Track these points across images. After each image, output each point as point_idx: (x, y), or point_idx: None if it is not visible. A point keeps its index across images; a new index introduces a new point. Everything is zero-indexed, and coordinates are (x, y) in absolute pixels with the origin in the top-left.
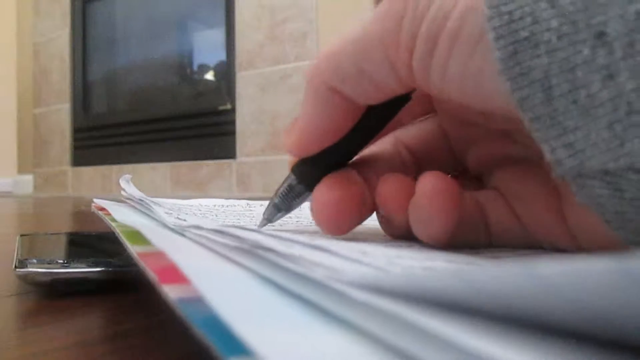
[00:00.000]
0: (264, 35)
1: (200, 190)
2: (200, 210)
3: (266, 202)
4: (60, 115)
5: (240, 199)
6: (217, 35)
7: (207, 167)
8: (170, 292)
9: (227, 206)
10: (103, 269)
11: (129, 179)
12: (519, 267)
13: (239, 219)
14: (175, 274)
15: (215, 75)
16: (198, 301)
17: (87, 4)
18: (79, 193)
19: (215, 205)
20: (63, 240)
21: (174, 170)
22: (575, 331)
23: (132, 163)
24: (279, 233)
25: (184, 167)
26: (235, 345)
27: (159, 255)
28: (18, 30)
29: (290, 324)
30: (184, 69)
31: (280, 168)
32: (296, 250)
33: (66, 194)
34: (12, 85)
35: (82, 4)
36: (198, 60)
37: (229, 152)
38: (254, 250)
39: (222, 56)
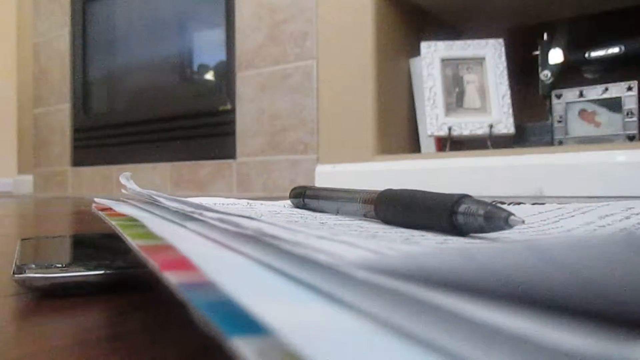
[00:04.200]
0: (264, 36)
1: (201, 190)
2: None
3: (267, 202)
4: (60, 115)
5: (240, 198)
6: (217, 35)
7: (207, 167)
8: (172, 277)
9: (228, 204)
10: (103, 272)
11: (128, 176)
12: (522, 242)
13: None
14: (176, 263)
15: (215, 76)
16: (200, 286)
17: (87, 4)
18: (79, 193)
19: (215, 204)
20: (63, 243)
21: (174, 170)
22: (579, 308)
23: (132, 163)
24: (279, 223)
25: (184, 167)
26: (239, 326)
27: (161, 247)
28: (18, 30)
29: (300, 304)
30: (184, 69)
31: (279, 168)
32: (300, 238)
33: (66, 194)
34: (12, 86)
35: (82, 4)
36: (198, 60)
37: (229, 152)
38: (257, 237)
39: (222, 56)
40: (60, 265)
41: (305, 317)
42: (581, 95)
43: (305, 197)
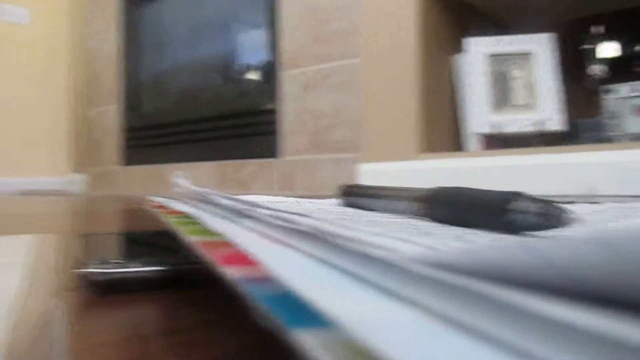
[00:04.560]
0: (307, 34)
1: (244, 188)
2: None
3: (314, 200)
4: (111, 116)
5: (285, 197)
6: (261, 35)
7: (250, 166)
8: (232, 272)
9: (277, 202)
10: (159, 267)
11: (182, 175)
12: (590, 235)
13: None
14: (235, 258)
15: (258, 75)
16: (259, 281)
17: (135, 8)
18: (129, 191)
19: (265, 201)
20: (119, 240)
21: (219, 169)
22: None
23: (179, 162)
24: (333, 219)
25: (228, 166)
26: (300, 319)
27: (218, 243)
28: (71, 34)
29: (360, 298)
30: (228, 70)
31: (323, 167)
32: (355, 234)
33: (117, 192)
34: (67, 89)
35: (130, 9)
36: (242, 60)
37: (272, 151)
38: (313, 234)
39: (265, 56)
40: (118, 262)
41: (366, 309)
42: (634, 90)
43: (353, 195)
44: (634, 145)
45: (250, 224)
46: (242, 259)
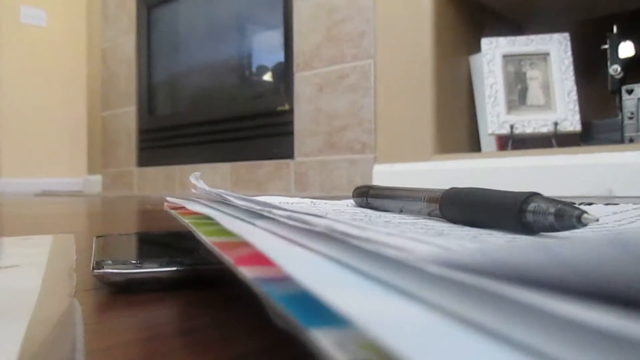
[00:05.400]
0: (322, 36)
1: (259, 189)
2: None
3: (330, 201)
4: (126, 117)
5: (300, 198)
6: (275, 36)
7: (265, 167)
8: (247, 272)
9: (293, 203)
10: (175, 268)
11: (198, 176)
12: (605, 234)
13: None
14: (251, 258)
15: (273, 77)
16: (275, 281)
17: (151, 10)
18: (144, 192)
19: (281, 202)
20: (136, 241)
21: (233, 170)
22: None
23: (193, 163)
24: (347, 220)
25: (243, 167)
26: (316, 318)
27: (234, 244)
28: (88, 36)
29: (374, 297)
30: (243, 71)
31: (337, 168)
32: (369, 234)
33: (132, 193)
34: (83, 90)
35: (147, 10)
36: (257, 61)
37: (287, 152)
38: (327, 234)
39: (280, 57)
40: (135, 262)
41: (381, 309)
42: None
43: (368, 196)
44: None
45: (266, 224)
46: (258, 259)
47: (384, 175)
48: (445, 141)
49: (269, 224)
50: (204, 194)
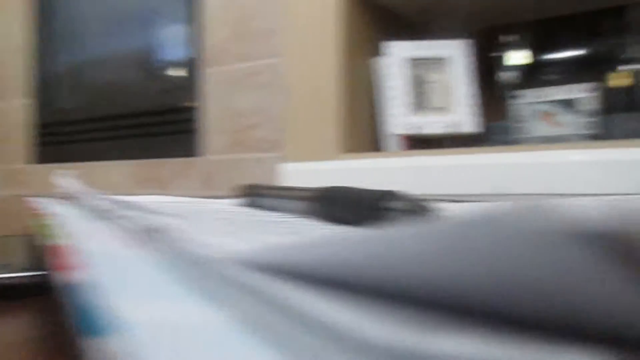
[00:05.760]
0: (231, 32)
1: (164, 189)
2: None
3: (217, 200)
4: (19, 111)
5: (205, 197)
6: (183, 30)
7: (170, 165)
8: (60, 276)
9: (164, 203)
10: (29, 274)
11: (66, 175)
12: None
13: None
14: (74, 262)
15: (180, 72)
16: (82, 286)
17: None
18: (42, 191)
19: (148, 202)
20: (6, 244)
21: (137, 168)
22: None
23: (93, 160)
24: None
25: (147, 165)
26: (102, 325)
27: (66, 247)
28: None
29: (165, 299)
30: (148, 65)
31: (244, 166)
32: (186, 231)
33: (27, 192)
34: None
35: None
36: (163, 55)
37: (193, 150)
38: (149, 233)
39: (187, 52)
40: None
41: (158, 312)
42: (541, 96)
43: (254, 195)
44: (538, 147)
45: (113, 225)
46: (79, 263)
47: (291, 174)
48: (351, 140)
49: (117, 224)
50: (68, 194)
